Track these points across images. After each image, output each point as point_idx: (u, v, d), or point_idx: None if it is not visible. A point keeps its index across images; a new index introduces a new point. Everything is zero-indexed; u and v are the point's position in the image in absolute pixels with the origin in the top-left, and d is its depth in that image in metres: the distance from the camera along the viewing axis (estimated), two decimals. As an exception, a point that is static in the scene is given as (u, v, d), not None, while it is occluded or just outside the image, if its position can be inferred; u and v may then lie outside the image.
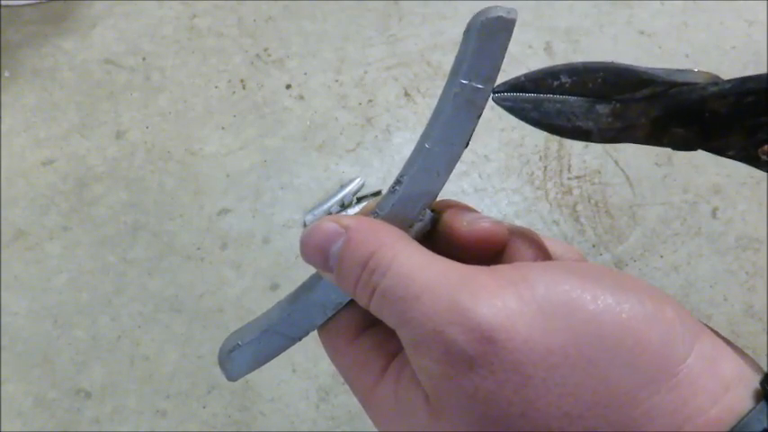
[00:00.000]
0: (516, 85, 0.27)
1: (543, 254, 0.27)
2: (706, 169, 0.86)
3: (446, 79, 0.27)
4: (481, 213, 0.27)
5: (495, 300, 0.21)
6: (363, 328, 0.27)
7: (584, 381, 0.20)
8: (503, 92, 0.27)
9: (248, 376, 0.28)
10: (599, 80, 0.24)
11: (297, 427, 0.73)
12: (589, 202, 0.85)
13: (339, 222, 0.25)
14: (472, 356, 0.21)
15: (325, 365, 0.75)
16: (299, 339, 0.29)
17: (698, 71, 0.24)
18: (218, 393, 0.75)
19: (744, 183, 0.85)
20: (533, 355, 0.20)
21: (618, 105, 0.24)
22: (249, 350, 0.28)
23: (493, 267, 0.23)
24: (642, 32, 0.97)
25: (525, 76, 0.26)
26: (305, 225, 0.84)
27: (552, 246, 0.28)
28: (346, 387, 0.77)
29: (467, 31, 0.26)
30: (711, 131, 0.24)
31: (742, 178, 0.85)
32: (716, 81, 0.23)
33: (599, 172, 0.87)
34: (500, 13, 0.25)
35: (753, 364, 0.22)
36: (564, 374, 0.20)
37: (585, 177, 0.87)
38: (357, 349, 0.26)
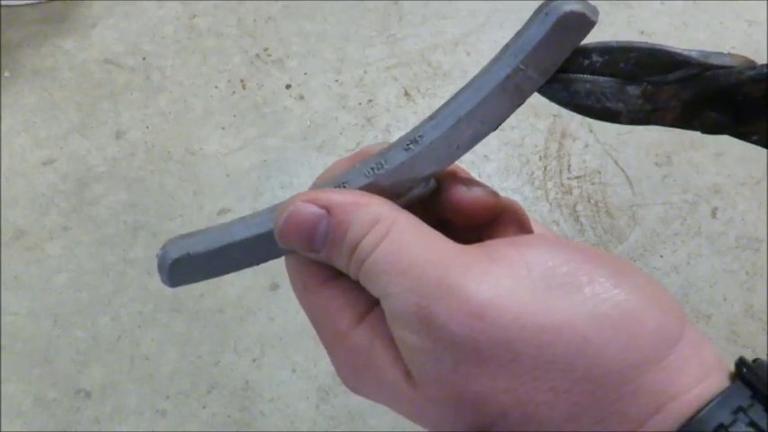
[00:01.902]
0: None
1: (527, 229, 0.27)
2: (706, 169, 0.86)
3: (498, 54, 0.25)
4: (477, 181, 0.27)
5: (487, 277, 0.21)
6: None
7: (576, 359, 0.20)
8: None
9: (248, 376, 0.27)
10: (631, 60, 0.24)
11: (297, 427, 0.73)
12: (589, 202, 0.85)
13: (317, 201, 0.23)
14: (454, 332, 0.20)
15: (325, 365, 0.75)
16: (257, 264, 0.26)
17: (734, 54, 0.23)
18: (218, 393, 0.75)
19: (744, 183, 0.85)
20: (524, 332, 0.20)
21: (649, 87, 0.24)
22: (199, 262, 0.26)
23: (489, 243, 0.23)
24: (642, 32, 0.97)
25: None
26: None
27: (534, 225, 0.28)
28: (346, 387, 0.77)
29: (544, 15, 0.23)
30: (743, 115, 0.23)
31: (742, 178, 0.85)
32: (753, 65, 0.23)
33: (599, 172, 0.87)
34: (586, 12, 0.23)
35: (723, 359, 0.23)
36: (556, 352, 0.20)
37: (585, 177, 0.87)
38: (334, 290, 0.25)
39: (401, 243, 0.22)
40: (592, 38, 0.24)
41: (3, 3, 1.03)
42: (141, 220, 0.85)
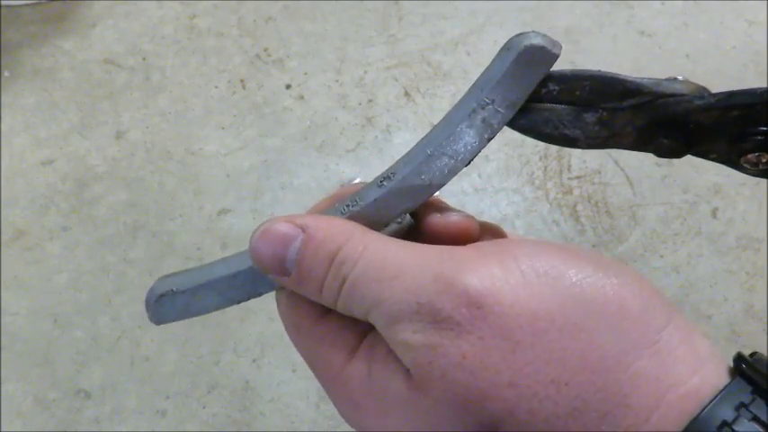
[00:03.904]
0: None
1: None
2: (706, 169, 0.86)
3: (467, 90, 0.25)
4: (452, 207, 0.27)
5: (479, 268, 0.22)
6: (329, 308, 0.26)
7: (570, 345, 0.21)
8: None
9: (248, 376, 0.27)
10: (586, 88, 0.24)
11: (297, 427, 0.73)
12: (589, 202, 0.85)
13: (293, 222, 0.24)
14: (460, 323, 0.21)
15: (325, 365, 0.75)
16: (238, 303, 0.28)
17: (685, 81, 0.24)
18: (218, 393, 0.75)
19: (744, 183, 0.85)
20: (520, 319, 0.21)
21: (604, 114, 0.24)
22: (182, 299, 0.26)
23: (474, 244, 0.24)
24: (642, 32, 0.97)
25: None
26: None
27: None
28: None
29: (506, 50, 0.24)
30: (695, 140, 0.24)
31: (742, 178, 0.85)
32: (702, 94, 0.23)
33: (599, 172, 0.87)
34: (546, 45, 0.24)
35: (717, 348, 0.23)
36: (551, 339, 0.21)
37: (585, 177, 0.87)
38: (324, 328, 0.25)
39: (384, 252, 0.23)
40: (594, 39, 0.24)
41: (3, 3, 1.03)
42: (141, 220, 0.85)
